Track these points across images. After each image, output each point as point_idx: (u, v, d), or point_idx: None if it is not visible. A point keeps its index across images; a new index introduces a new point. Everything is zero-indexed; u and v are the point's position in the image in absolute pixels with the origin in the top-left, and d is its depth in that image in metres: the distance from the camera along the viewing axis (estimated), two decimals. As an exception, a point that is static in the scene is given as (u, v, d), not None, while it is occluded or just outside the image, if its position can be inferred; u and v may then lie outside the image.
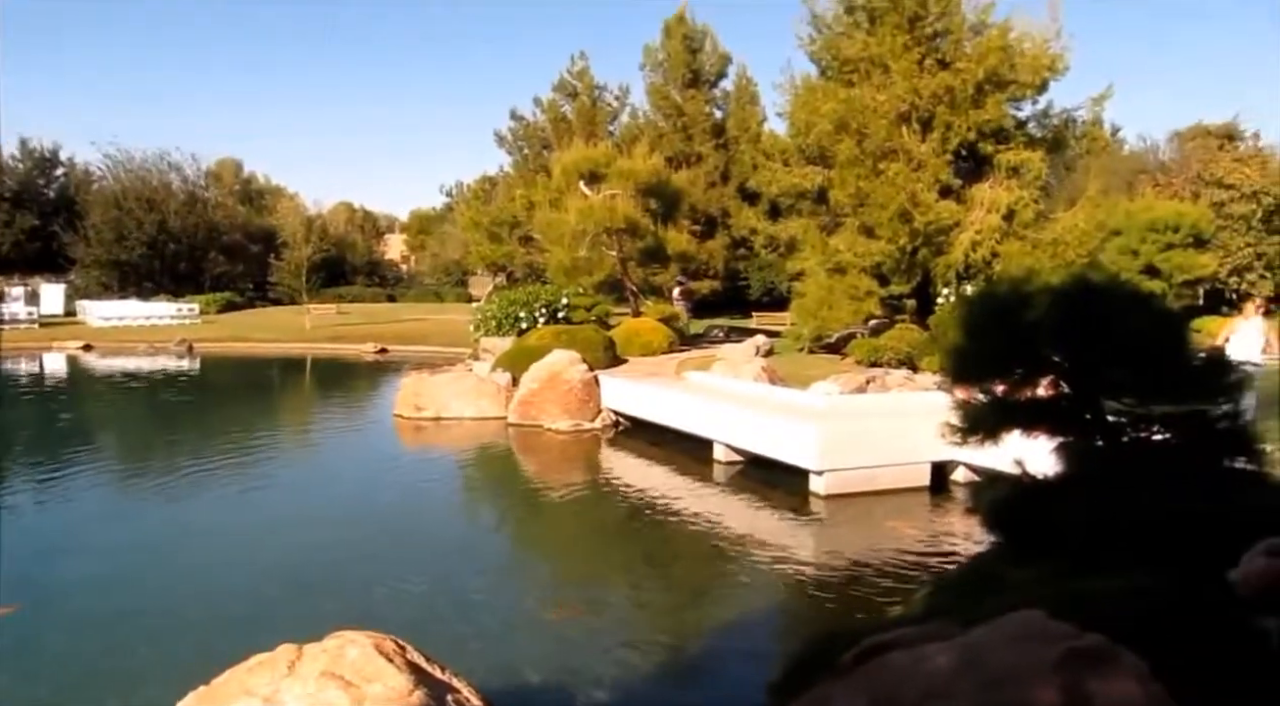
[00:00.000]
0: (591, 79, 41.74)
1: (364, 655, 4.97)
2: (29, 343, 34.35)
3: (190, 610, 7.57)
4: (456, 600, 7.87)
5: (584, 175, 24.61)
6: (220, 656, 5.22)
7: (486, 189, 48.75)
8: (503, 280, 41.32)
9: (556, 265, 23.72)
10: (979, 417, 5.18)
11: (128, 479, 13.53)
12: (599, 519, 11.33)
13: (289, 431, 18.53)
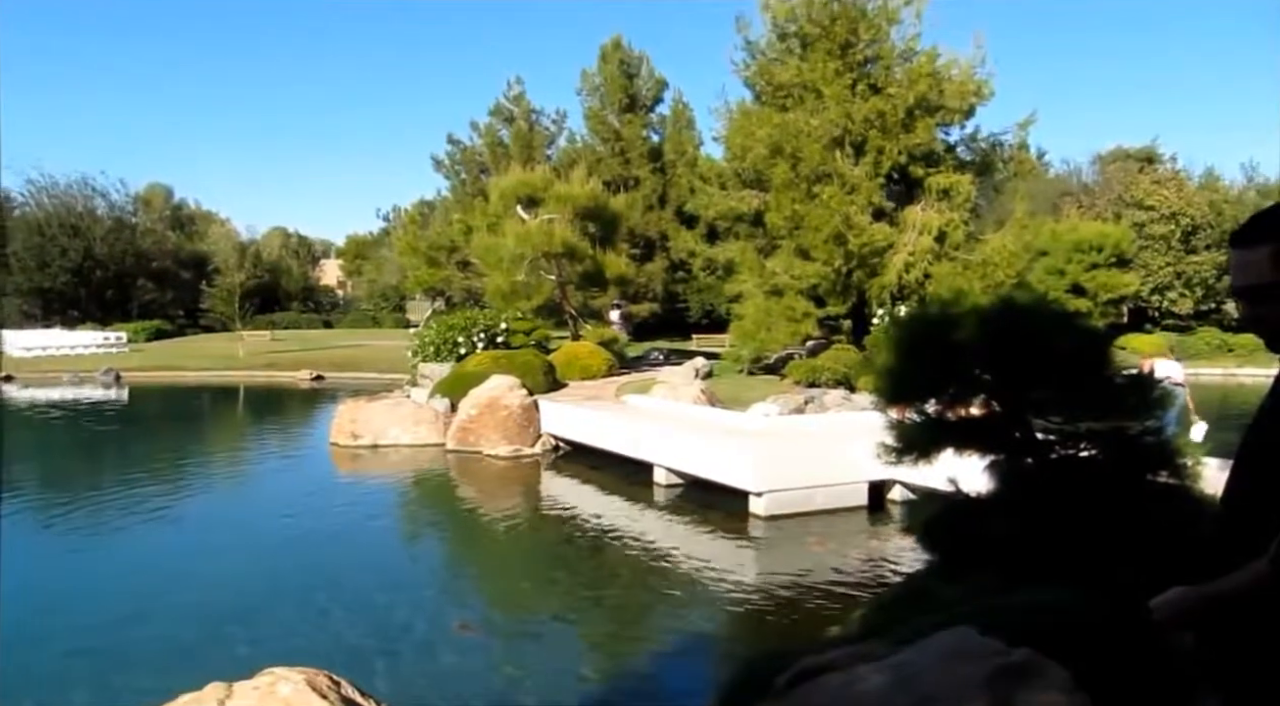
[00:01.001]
0: (528, 104, 41.86)
1: (296, 692, 4.85)
2: (-55, 374, 33.07)
3: (114, 647, 7.32)
4: (387, 631, 7.72)
5: (522, 199, 24.59)
6: (148, 693, 5.06)
7: (424, 213, 48.40)
8: (441, 305, 41.03)
9: (495, 290, 23.62)
10: (913, 437, 5.25)
11: (45, 514, 13.05)
12: (537, 544, 11.25)
13: (221, 461, 18.09)
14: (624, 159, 38.80)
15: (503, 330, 21.03)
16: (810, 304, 20.76)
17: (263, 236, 72.14)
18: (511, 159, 35.72)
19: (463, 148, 44.03)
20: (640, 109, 39.84)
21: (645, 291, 35.41)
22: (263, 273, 59.86)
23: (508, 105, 41.92)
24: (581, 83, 40.12)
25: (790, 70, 21.10)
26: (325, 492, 14.22)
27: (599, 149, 39.21)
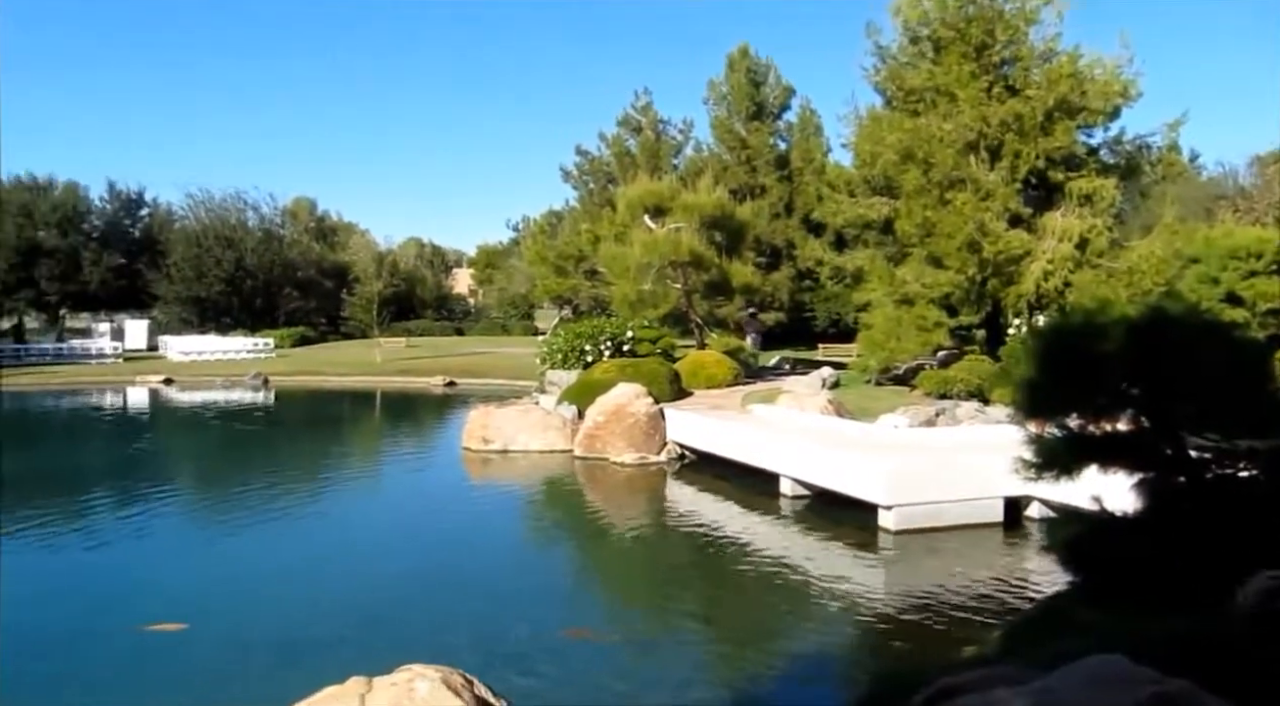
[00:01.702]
0: (655, 114, 42.13)
1: (432, 689, 5.01)
2: (114, 377, 35.56)
3: (260, 639, 7.68)
4: (511, 634, 7.86)
5: (648, 209, 24.78)
6: (292, 684, 5.30)
7: (552, 223, 49.38)
8: (568, 313, 41.69)
9: (621, 298, 23.85)
10: (1054, 453, 5.06)
11: (202, 511, 13.85)
12: (661, 552, 11.28)
13: (360, 463, 18.85)
14: (750, 167, 38.62)
15: (629, 338, 21.22)
16: (942, 313, 20.21)
17: (399, 246, 74.90)
18: (638, 169, 36.01)
19: (591, 158, 44.67)
20: (767, 117, 39.62)
21: (771, 300, 35.11)
22: (399, 281, 62.05)
23: (635, 116, 42.30)
24: (708, 92, 40.19)
25: (922, 74, 20.64)
26: (457, 496, 14.65)
27: (725, 157, 39.15)
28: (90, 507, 13.67)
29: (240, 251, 54.42)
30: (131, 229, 58.99)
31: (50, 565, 10.55)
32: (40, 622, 8.21)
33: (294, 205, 68.15)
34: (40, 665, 7.20)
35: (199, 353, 42.76)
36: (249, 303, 54.93)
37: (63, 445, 21.66)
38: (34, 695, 6.61)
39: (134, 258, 55.43)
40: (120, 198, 58.94)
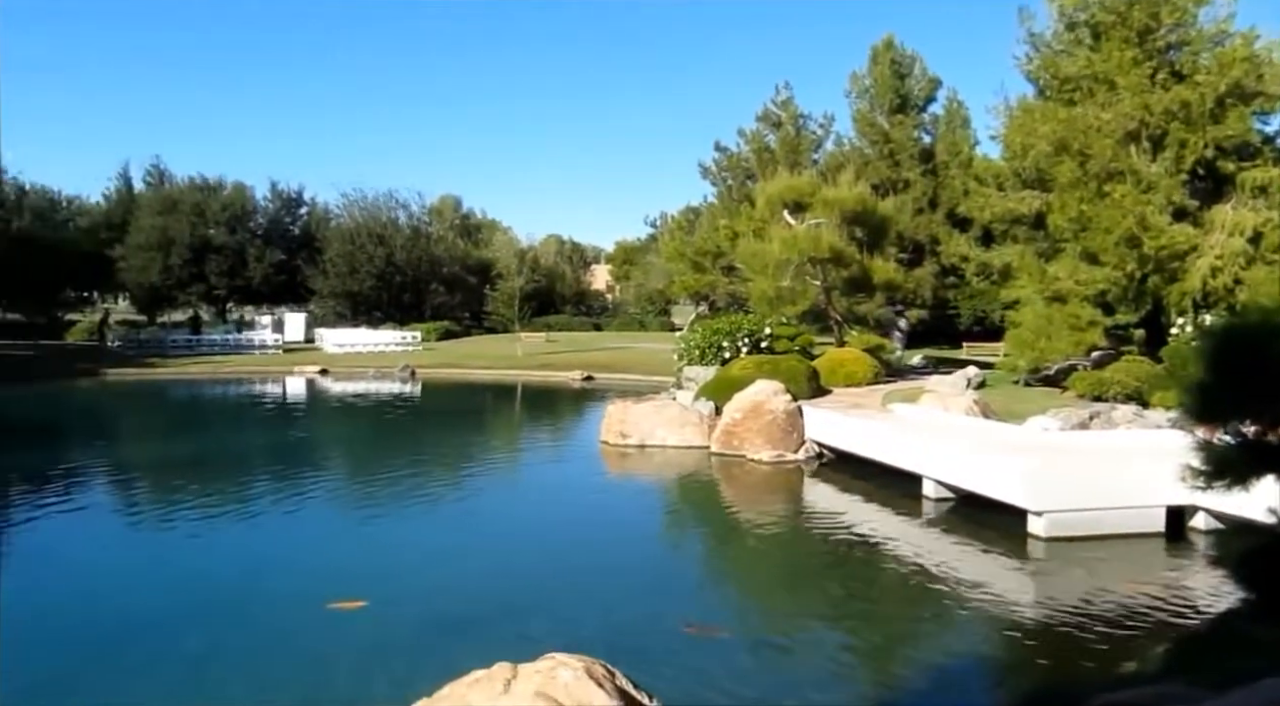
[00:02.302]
0: (795, 108, 41.63)
1: (575, 678, 5.10)
2: (275, 367, 37.67)
3: (410, 624, 7.99)
4: (658, 628, 7.93)
5: (788, 204, 24.54)
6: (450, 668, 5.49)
7: (690, 219, 49.44)
8: (705, 309, 41.68)
9: (759, 295, 23.69)
10: (1226, 461, 4.77)
11: (355, 496, 14.50)
12: (798, 551, 11.16)
13: (501, 454, 19.36)
14: (893, 161, 37.72)
15: (767, 335, 21.07)
16: (1097, 311, 19.28)
17: (540, 243, 76.49)
18: (778, 164, 35.68)
19: (729, 154, 44.52)
20: (911, 109, 38.59)
21: (913, 297, 34.23)
22: (540, 278, 63.43)
23: (775, 111, 41.92)
24: (850, 85, 39.42)
25: (1079, 62, 19.72)
26: (595, 489, 14.89)
27: (867, 152, 38.35)
28: (255, 489, 14.54)
29: (390, 248, 56.69)
30: (291, 227, 62.25)
31: (225, 541, 11.25)
32: (233, 597, 8.79)
33: (440, 203, 70.53)
34: (242, 636, 7.70)
35: (352, 345, 44.76)
36: (398, 297, 57.18)
37: (229, 430, 23.10)
38: (238, 667, 7.04)
39: (293, 254, 58.45)
40: (281, 197, 62.28)
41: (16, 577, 9.70)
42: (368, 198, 60.78)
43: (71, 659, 7.18)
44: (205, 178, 59.59)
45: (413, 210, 62.30)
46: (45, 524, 11.99)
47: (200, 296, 58.35)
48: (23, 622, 8.00)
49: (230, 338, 47.50)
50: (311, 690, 6.62)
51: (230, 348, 45.01)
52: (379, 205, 60.58)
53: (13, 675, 6.84)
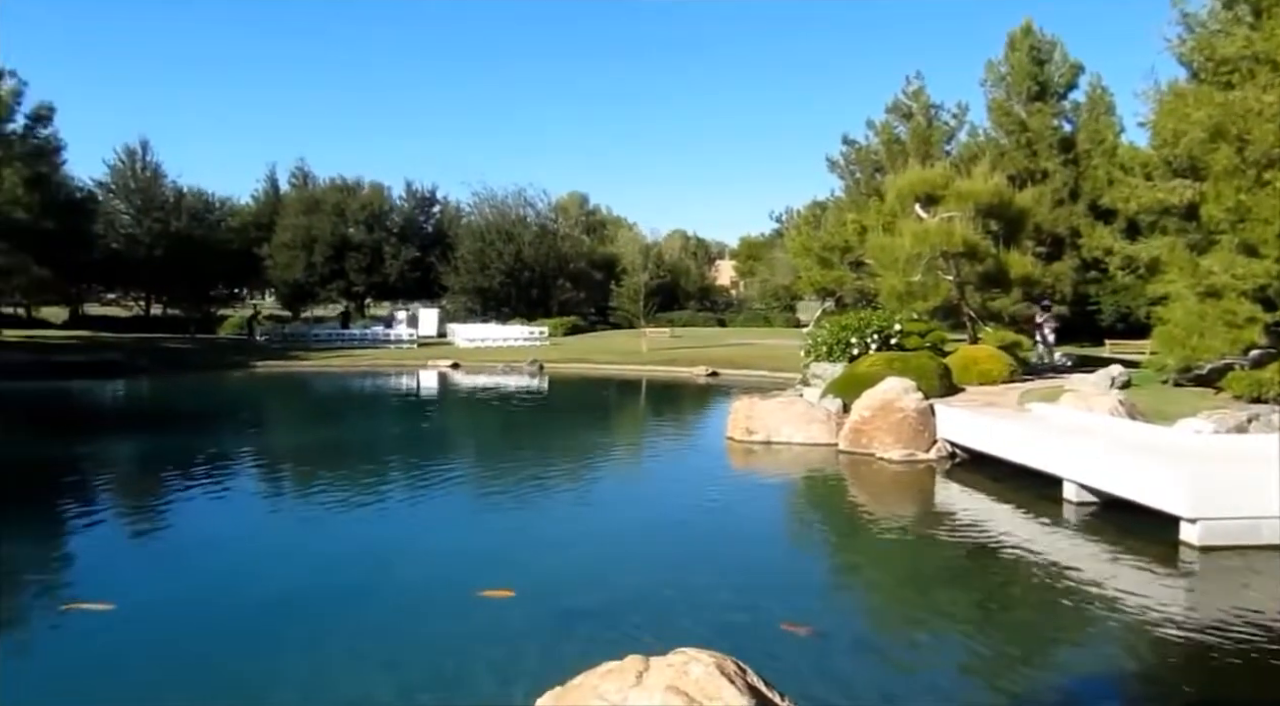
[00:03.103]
0: (927, 98, 40.55)
1: (707, 674, 5.10)
2: (410, 360, 39.03)
3: (538, 613, 8.14)
4: (770, 626, 7.84)
5: (919, 197, 23.94)
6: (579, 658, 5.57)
7: (816, 214, 48.82)
8: (830, 305, 41.13)
9: (889, 290, 23.20)
10: None
11: (483, 486, 14.86)
12: (928, 553, 10.85)
13: (629, 448, 19.54)
14: (1031, 151, 36.29)
15: (896, 332, 20.62)
16: (1256, 307, 18.07)
17: (664, 239, 76.89)
18: (908, 156, 34.85)
19: (858, 147, 43.73)
20: (1051, 97, 37.04)
21: (1052, 292, 32.90)
22: (664, 273, 63.74)
23: (905, 101, 40.93)
24: (986, 73, 38.11)
25: (1238, 42, 18.51)
26: (719, 484, 14.85)
27: (1003, 142, 37.01)
28: (391, 477, 15.09)
29: (519, 245, 57.97)
30: (425, 225, 64.36)
31: (363, 526, 11.70)
32: (372, 580, 9.15)
33: (566, 200, 71.65)
34: (377, 618, 8.00)
35: (482, 339, 45.95)
36: (526, 293, 58.42)
37: (366, 420, 24.04)
38: (375, 649, 7.33)
39: (427, 251, 60.43)
40: (416, 196, 64.45)
41: (169, 556, 10.31)
42: (497, 196, 62.30)
43: (218, 638, 7.58)
44: (345, 178, 62.12)
45: (539, 208, 63.52)
46: (198, 505, 12.73)
47: (340, 292, 60.93)
48: (175, 599, 8.51)
49: (368, 332, 49.42)
50: (443, 674, 6.81)
51: (368, 342, 46.83)
52: (508, 204, 62.01)
53: (162, 651, 7.28)
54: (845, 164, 44.78)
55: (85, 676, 6.74)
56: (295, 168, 65.61)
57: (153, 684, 6.64)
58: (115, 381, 32.51)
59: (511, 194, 62.47)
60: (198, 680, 6.68)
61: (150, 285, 58.37)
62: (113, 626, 7.67)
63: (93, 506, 12.98)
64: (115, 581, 9.03)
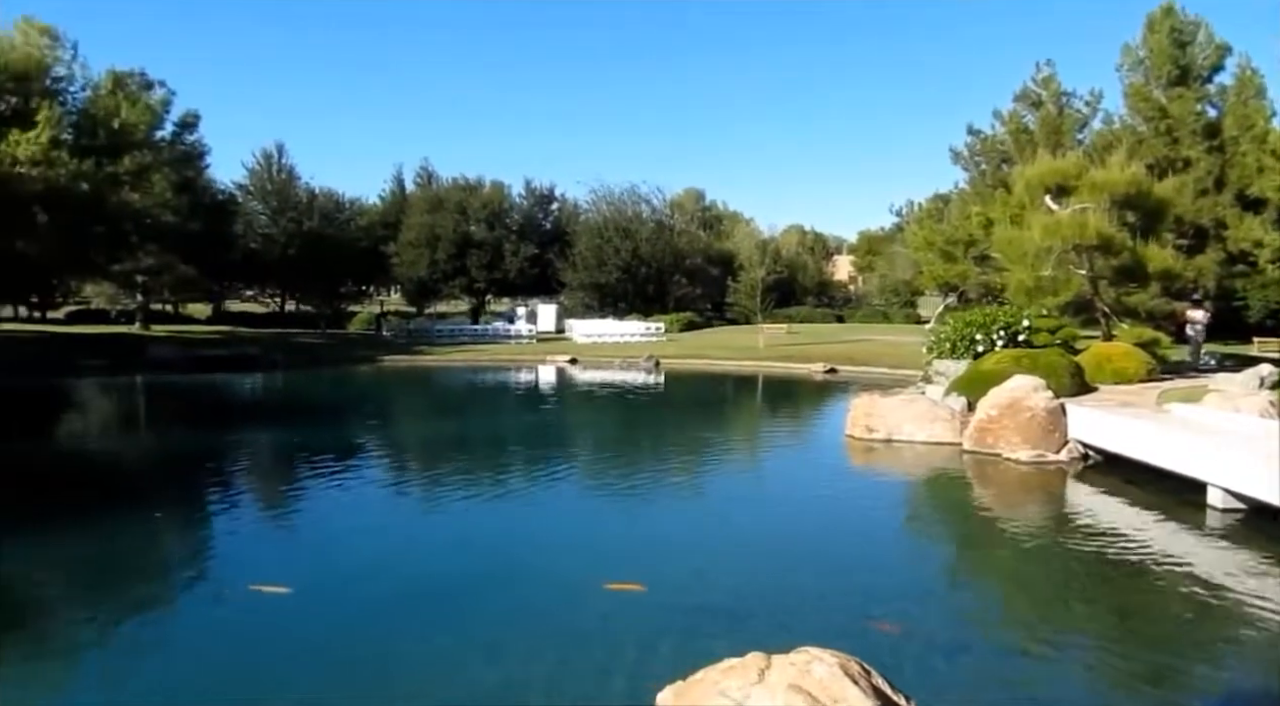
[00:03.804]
0: (1058, 86, 38.90)
1: (830, 674, 5.02)
2: (528, 356, 39.74)
3: (657, 608, 8.16)
4: (910, 631, 7.66)
5: (1049, 189, 23.00)
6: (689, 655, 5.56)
7: (939, 207, 47.58)
8: (954, 301, 40.00)
9: (1017, 285, 22.37)
10: None
11: (602, 480, 14.99)
12: (1062, 560, 10.39)
13: (743, 443, 19.42)
14: (1171, 138, 34.42)
15: (1024, 328, 19.88)
16: None
17: (781, 234, 76.14)
18: (1037, 146, 33.51)
19: (983, 138, 42.32)
20: (1193, 81, 35.05)
21: (1194, 287, 31.18)
22: (781, 268, 63.22)
23: (1035, 89, 39.38)
24: (1122, 58, 36.34)
25: None
26: (837, 482, 14.62)
27: (1140, 129, 35.19)
28: (511, 469, 15.39)
29: (636, 241, 58.39)
30: (543, 222, 65.46)
31: (487, 517, 11.97)
32: (498, 570, 9.35)
33: (682, 196, 71.78)
34: (504, 607, 8.19)
35: (599, 335, 46.43)
36: (643, 289, 58.80)
37: (488, 413, 24.59)
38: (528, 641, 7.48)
39: (545, 248, 61.43)
40: (535, 194, 65.57)
41: (323, 543, 10.74)
42: (614, 193, 62.92)
43: (377, 619, 7.83)
44: (467, 178, 63.66)
45: (655, 204, 63.89)
46: (341, 493, 13.23)
47: (462, 289, 62.50)
48: (338, 582, 8.85)
49: (489, 328, 50.55)
50: (569, 664, 6.89)
51: (489, 337, 47.90)
52: (624, 200, 62.57)
53: (335, 630, 7.59)
54: (970, 155, 43.39)
55: (272, 649, 7.17)
56: (420, 168, 67.69)
57: (325, 659, 6.97)
58: (253, 375, 34.13)
59: (626, 191, 63.01)
60: (366, 657, 6.95)
61: (285, 282, 61.09)
62: (293, 607, 8.10)
63: (246, 493, 13.73)
64: (280, 566, 9.49)
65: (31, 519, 11.28)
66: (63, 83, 38.37)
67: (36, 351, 37.11)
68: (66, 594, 8.81)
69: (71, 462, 16.43)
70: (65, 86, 38.53)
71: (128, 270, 45.38)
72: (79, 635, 7.61)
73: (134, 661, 7.01)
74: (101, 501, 12.75)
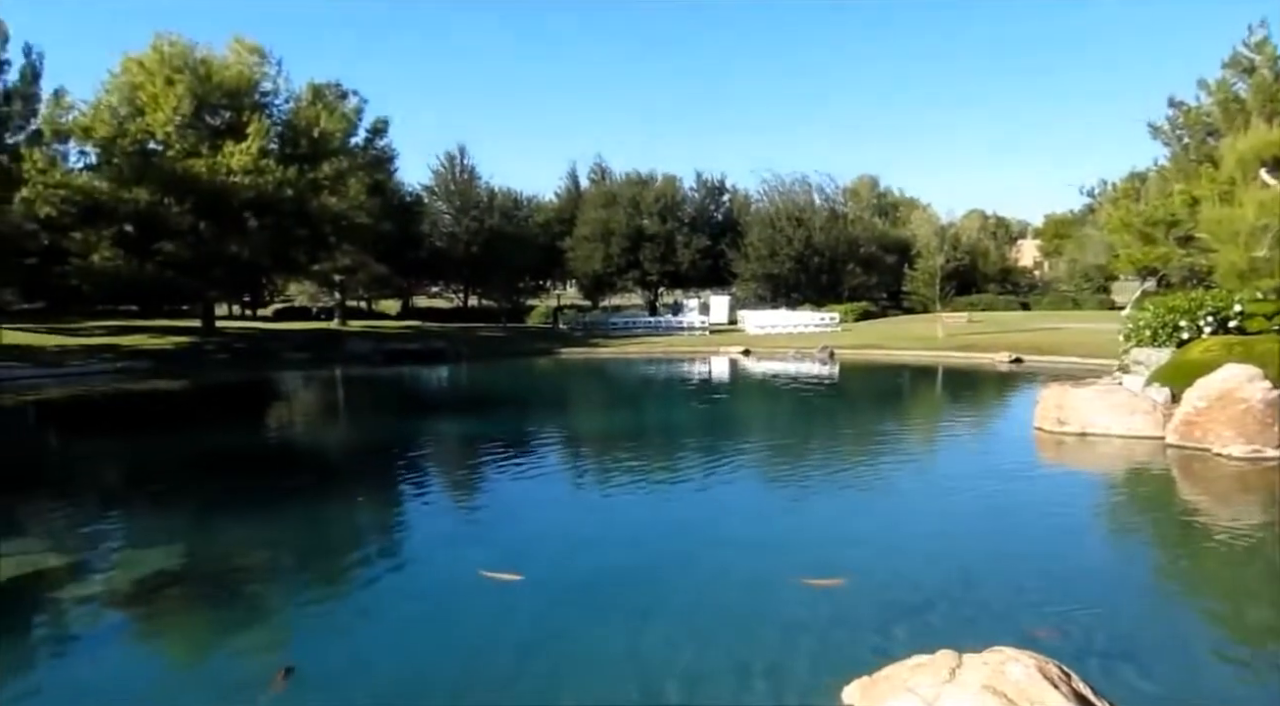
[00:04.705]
0: (1274, 49, 35.77)
1: (1027, 676, 4.84)
2: (701, 347, 39.96)
3: (843, 602, 8.05)
4: (1113, 636, 7.25)
5: (1266, 162, 21.18)
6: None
7: (1136, 186, 44.66)
8: (1152, 285, 37.56)
9: (1227, 268, 20.71)
10: None
11: (784, 472, 14.89)
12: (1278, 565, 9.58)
13: (924, 436, 18.84)
14: None
15: (1236, 313, 18.39)
16: None
17: (961, 219, 73.47)
18: (1250, 116, 30.95)
19: (1186, 110, 39.42)
20: None
21: None
22: (961, 255, 61.04)
23: (1247, 54, 36.33)
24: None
25: None
26: (1032, 479, 13.98)
27: (1373, 92, 32.02)
28: (688, 459, 15.48)
29: (809, 230, 57.75)
30: (715, 214, 65.64)
31: (670, 505, 12.13)
32: (706, 563, 9.47)
33: (856, 184, 70.39)
34: (725, 602, 8.31)
35: (772, 326, 46.14)
36: (816, 279, 58.11)
37: (664, 404, 24.86)
38: (722, 631, 7.60)
39: (717, 239, 61.59)
40: (706, 186, 65.82)
41: (510, 531, 11.16)
42: (785, 183, 62.43)
43: (590, 609, 8.06)
44: (639, 172, 64.53)
45: (828, 192, 62.99)
46: (518, 483, 13.73)
47: (635, 282, 63.49)
48: (563, 571, 9.13)
49: (662, 320, 51.12)
50: (760, 655, 6.89)
51: (662, 329, 48.40)
52: (796, 190, 61.99)
53: (557, 617, 7.89)
54: (1171, 129, 40.52)
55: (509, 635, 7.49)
56: (594, 164, 69.09)
57: (558, 646, 7.26)
58: (441, 367, 35.82)
59: (798, 180, 62.33)
60: (584, 648, 7.14)
61: (468, 278, 63.70)
62: (525, 593, 8.31)
63: (440, 480, 14.47)
64: (488, 550, 9.80)
65: (257, 502, 12.28)
66: (269, 96, 41.41)
67: (248, 347, 40.22)
68: (299, 569, 9.52)
69: (287, 450, 17.81)
70: (271, 99, 41.56)
71: (326, 269, 48.52)
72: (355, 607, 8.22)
73: (399, 636, 7.38)
74: (315, 485, 13.73)
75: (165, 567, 9.29)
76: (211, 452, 16.72)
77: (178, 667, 7.09)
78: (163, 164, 37.38)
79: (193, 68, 38.05)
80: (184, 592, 8.64)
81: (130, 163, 37.29)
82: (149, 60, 37.96)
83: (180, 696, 6.39)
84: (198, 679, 6.74)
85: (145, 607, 8.24)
